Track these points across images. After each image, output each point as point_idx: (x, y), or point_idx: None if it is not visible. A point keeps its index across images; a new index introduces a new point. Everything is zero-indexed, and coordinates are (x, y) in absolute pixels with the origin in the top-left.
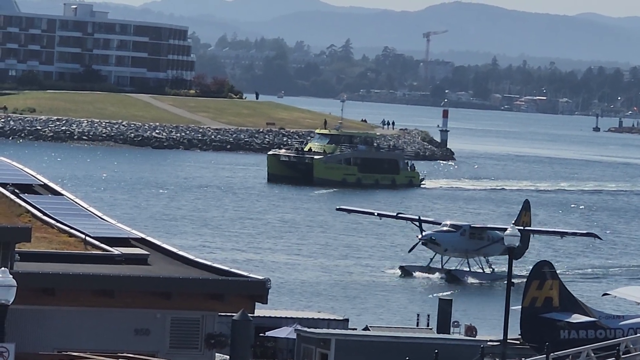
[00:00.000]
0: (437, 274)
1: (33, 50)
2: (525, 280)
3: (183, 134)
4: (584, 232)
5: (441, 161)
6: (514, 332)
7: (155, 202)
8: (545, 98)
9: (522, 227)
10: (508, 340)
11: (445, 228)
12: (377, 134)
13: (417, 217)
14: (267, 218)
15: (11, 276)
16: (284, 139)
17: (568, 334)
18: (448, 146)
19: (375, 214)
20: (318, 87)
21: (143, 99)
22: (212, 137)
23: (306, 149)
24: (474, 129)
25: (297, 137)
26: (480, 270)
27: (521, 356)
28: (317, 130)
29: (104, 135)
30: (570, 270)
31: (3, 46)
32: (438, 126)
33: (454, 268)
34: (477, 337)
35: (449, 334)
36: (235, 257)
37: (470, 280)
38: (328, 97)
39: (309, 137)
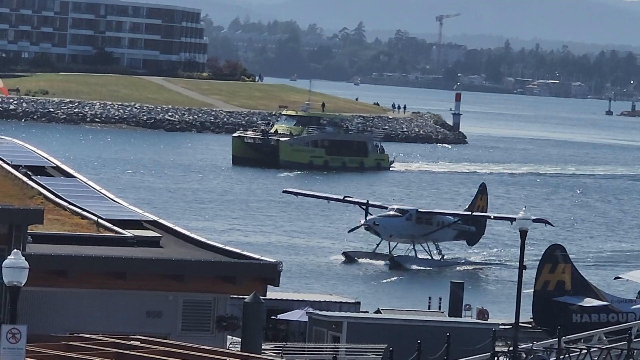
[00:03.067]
0: (381, 261)
1: (46, 32)
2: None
3: (196, 116)
4: (534, 218)
5: (453, 144)
6: (526, 316)
7: (168, 185)
8: (558, 82)
9: (470, 212)
10: (520, 324)
11: (391, 213)
12: (387, 115)
13: (364, 201)
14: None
15: (23, 258)
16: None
17: (580, 318)
18: (460, 129)
19: (322, 196)
20: (331, 70)
21: (156, 82)
22: (225, 119)
23: (272, 130)
24: (486, 113)
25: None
26: (428, 257)
27: (533, 340)
28: (284, 112)
29: (116, 117)
30: (582, 254)
31: (16, 28)
32: (450, 109)
33: (397, 254)
34: (489, 321)
35: (461, 317)
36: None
37: (415, 266)
38: (341, 80)
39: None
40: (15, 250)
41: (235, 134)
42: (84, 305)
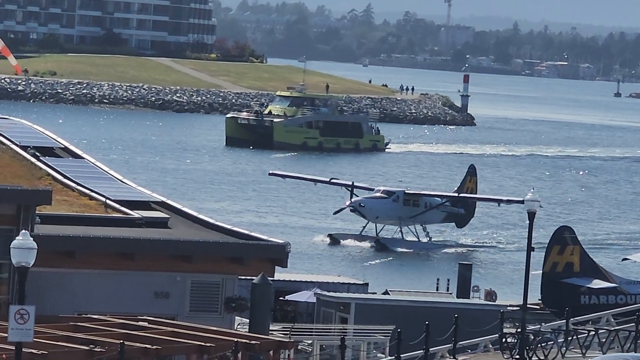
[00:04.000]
0: (367, 243)
1: (54, 13)
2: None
3: (204, 97)
4: (519, 199)
5: (461, 126)
6: (534, 297)
7: (175, 165)
8: (566, 63)
9: (457, 194)
10: (528, 305)
11: (377, 194)
12: (395, 97)
13: (349, 183)
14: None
15: (32, 239)
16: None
17: (588, 299)
18: (469, 111)
19: (308, 179)
20: (339, 51)
21: (164, 63)
22: (233, 101)
23: (266, 111)
24: (494, 94)
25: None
26: (415, 239)
27: (541, 321)
28: (278, 92)
29: (124, 98)
30: (590, 236)
31: (24, 9)
32: (459, 91)
33: (384, 237)
34: (497, 302)
35: (469, 298)
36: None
37: (401, 249)
38: (349, 62)
39: (329, 102)
40: (23, 231)
41: (228, 115)
42: (92, 286)
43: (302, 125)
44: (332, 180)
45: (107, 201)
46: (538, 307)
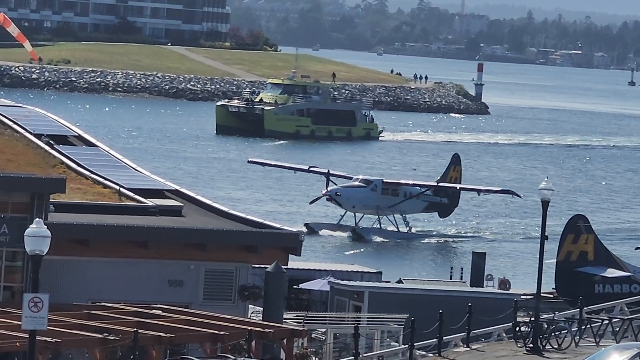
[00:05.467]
0: (344, 233)
1: (68, 1)
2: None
3: (218, 86)
4: (500, 189)
5: (477, 115)
6: (548, 286)
7: (189, 154)
8: (580, 52)
9: (436, 184)
10: (542, 294)
11: (355, 183)
12: (409, 85)
13: (325, 171)
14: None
15: (45, 227)
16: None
17: (602, 288)
18: (483, 100)
19: (287, 167)
20: (353, 40)
21: (178, 51)
22: (247, 89)
23: (257, 99)
24: (508, 83)
25: (331, 89)
26: (394, 229)
27: (555, 310)
28: (270, 80)
29: (138, 87)
30: (604, 225)
31: None
32: (473, 80)
33: (360, 226)
34: (511, 291)
35: (483, 287)
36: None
37: (379, 238)
38: (363, 50)
39: (343, 90)
40: (37, 219)
41: (219, 103)
42: (105, 274)
43: (294, 113)
44: (311, 169)
45: (121, 189)
46: (552, 296)
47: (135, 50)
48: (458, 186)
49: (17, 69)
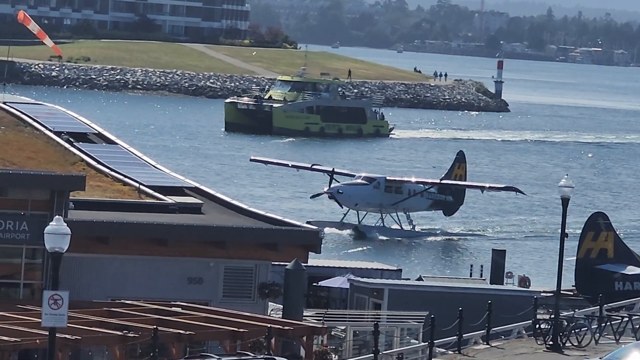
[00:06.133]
0: (347, 231)
1: None
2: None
3: (237, 83)
4: (503, 186)
5: (495, 112)
6: (568, 283)
7: (209, 151)
8: (600, 49)
9: (440, 181)
10: (562, 291)
11: (357, 181)
12: (429, 83)
13: (330, 169)
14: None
15: (65, 224)
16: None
17: (622, 286)
18: (502, 97)
19: (290, 165)
20: (372, 37)
21: (197, 49)
22: (266, 86)
23: (266, 96)
24: (528, 80)
25: (351, 87)
26: (397, 227)
27: (575, 307)
28: (279, 77)
29: (158, 84)
30: (624, 222)
31: None
32: (493, 77)
33: (363, 224)
34: (531, 288)
35: (503, 284)
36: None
37: (381, 237)
38: (382, 48)
39: (362, 88)
40: (57, 216)
41: (227, 100)
42: (125, 271)
43: (303, 111)
44: (314, 167)
45: (141, 187)
46: (572, 293)
47: (154, 47)
48: (461, 183)
49: (37, 66)
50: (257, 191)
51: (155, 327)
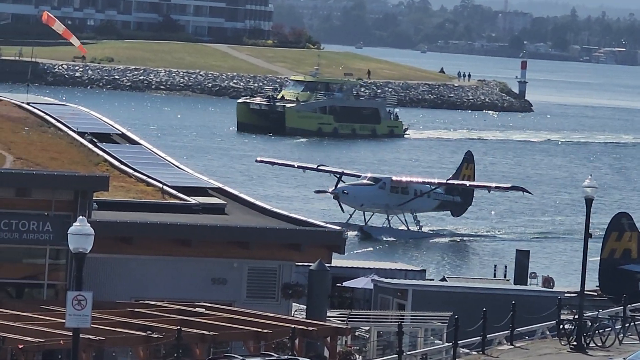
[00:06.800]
0: (352, 231)
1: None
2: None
3: (260, 83)
4: (510, 185)
5: (519, 112)
6: (592, 284)
7: (234, 151)
8: (624, 49)
9: (446, 181)
10: (586, 292)
11: (363, 181)
12: (452, 83)
13: (339, 170)
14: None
15: (89, 225)
16: (362, 90)
17: None
18: (526, 97)
19: (296, 165)
20: (396, 38)
21: (221, 49)
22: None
23: (279, 96)
24: (552, 80)
25: (374, 87)
26: (404, 228)
27: (599, 308)
28: (292, 77)
29: (181, 84)
30: None
31: None
32: (516, 77)
33: (369, 225)
34: (555, 289)
35: (526, 285)
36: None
37: (387, 237)
38: (406, 48)
39: (386, 88)
40: (80, 217)
41: (240, 100)
42: (149, 272)
43: (316, 111)
44: (320, 167)
45: (164, 187)
46: (596, 293)
47: (178, 48)
48: (467, 183)
49: (60, 67)
50: (284, 191)
51: (178, 327)
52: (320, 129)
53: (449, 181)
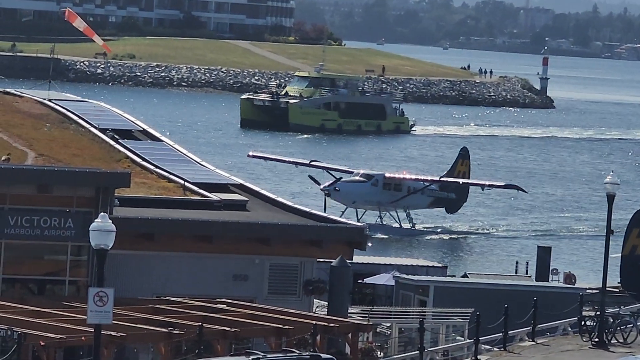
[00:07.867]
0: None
1: None
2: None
3: (282, 80)
4: (504, 183)
5: (541, 109)
6: (614, 280)
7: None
8: None
9: (439, 178)
10: (607, 288)
11: (355, 178)
12: (474, 80)
13: (330, 166)
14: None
15: (110, 221)
16: (383, 86)
17: None
18: (548, 94)
19: (289, 161)
20: (417, 34)
21: (242, 46)
22: None
23: (283, 92)
24: (574, 77)
25: (396, 84)
26: (397, 225)
27: (620, 304)
28: (297, 73)
29: (203, 81)
30: None
31: None
32: (538, 74)
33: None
34: (576, 285)
35: (548, 281)
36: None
37: (379, 235)
38: (427, 45)
39: (407, 85)
40: (102, 213)
41: (244, 96)
42: (170, 268)
43: (320, 107)
44: (312, 163)
45: (186, 184)
46: (617, 290)
47: (199, 44)
48: (461, 181)
49: (82, 63)
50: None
51: (200, 324)
52: (324, 125)
53: (442, 179)
